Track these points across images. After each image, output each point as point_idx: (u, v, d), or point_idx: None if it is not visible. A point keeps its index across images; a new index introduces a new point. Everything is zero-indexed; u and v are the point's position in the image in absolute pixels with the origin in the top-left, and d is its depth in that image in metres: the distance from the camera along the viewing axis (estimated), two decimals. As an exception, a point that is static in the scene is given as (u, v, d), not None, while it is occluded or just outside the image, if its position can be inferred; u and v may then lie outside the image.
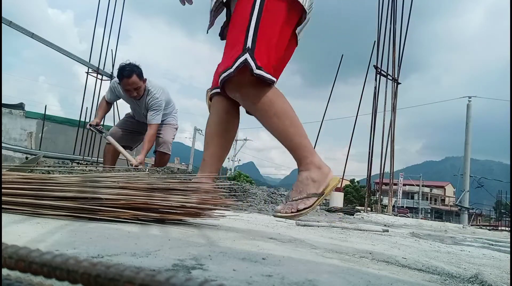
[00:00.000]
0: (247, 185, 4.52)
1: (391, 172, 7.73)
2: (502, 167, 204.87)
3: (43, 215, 0.98)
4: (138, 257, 0.64)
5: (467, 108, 18.86)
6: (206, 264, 0.64)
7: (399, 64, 7.70)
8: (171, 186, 1.15)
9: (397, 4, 7.58)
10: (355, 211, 4.49)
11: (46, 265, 0.33)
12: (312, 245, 1.07)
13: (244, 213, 2.09)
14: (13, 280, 0.40)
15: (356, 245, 1.21)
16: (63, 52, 5.31)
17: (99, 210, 1.01)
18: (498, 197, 21.61)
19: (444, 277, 0.84)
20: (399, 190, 42.41)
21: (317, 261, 0.83)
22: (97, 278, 0.31)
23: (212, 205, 1.17)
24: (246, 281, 0.56)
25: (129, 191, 1.07)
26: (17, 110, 11.04)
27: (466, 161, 18.70)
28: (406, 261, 0.96)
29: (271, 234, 1.21)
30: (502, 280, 0.89)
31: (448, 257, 1.24)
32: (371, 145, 7.31)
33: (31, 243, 0.68)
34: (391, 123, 7.42)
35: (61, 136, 10.68)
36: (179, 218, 1.17)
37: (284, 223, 1.73)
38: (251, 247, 0.89)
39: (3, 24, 4.04)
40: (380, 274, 0.77)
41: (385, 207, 10.80)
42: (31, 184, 1.04)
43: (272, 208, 2.97)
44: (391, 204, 7.93)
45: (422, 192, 52.48)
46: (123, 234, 0.87)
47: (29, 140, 10.64)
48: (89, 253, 0.64)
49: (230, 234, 1.08)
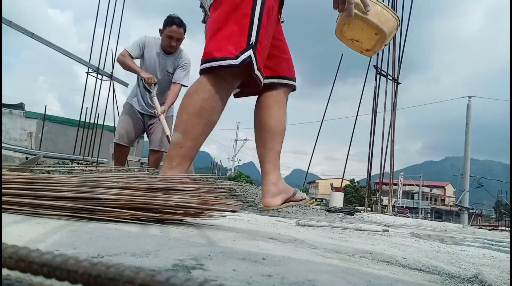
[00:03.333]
0: (247, 185, 4.52)
1: (391, 172, 7.74)
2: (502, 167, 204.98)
3: (43, 215, 0.98)
4: (138, 257, 0.64)
5: (467, 108, 18.86)
6: (206, 264, 0.64)
7: (399, 64, 7.70)
8: (171, 186, 1.15)
9: (397, 4, 7.58)
10: (355, 211, 4.49)
11: (46, 265, 0.33)
12: (312, 245, 1.07)
13: (244, 213, 2.09)
14: (13, 280, 0.40)
15: (356, 245, 1.21)
16: (63, 52, 5.31)
17: (99, 210, 1.01)
18: (498, 197, 21.59)
19: (444, 277, 0.84)
20: (399, 190, 42.42)
21: (317, 261, 0.83)
22: (97, 278, 0.31)
23: (212, 205, 1.17)
24: (246, 281, 0.56)
25: (129, 191, 1.07)
26: (17, 110, 11.04)
27: (466, 161, 18.71)
28: (406, 261, 0.96)
29: (271, 234, 1.21)
30: (502, 280, 0.89)
31: (448, 257, 1.24)
32: (371, 145, 7.32)
33: (31, 243, 0.68)
34: (391, 123, 7.42)
35: (61, 136, 10.68)
36: (179, 218, 1.17)
37: (284, 223, 1.73)
38: (251, 247, 0.89)
39: (3, 24, 4.04)
40: (380, 274, 0.77)
41: (385, 207, 10.80)
42: (31, 184, 1.04)
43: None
44: (391, 204, 7.93)
45: (422, 192, 52.48)
46: (123, 234, 0.87)
47: (29, 140, 10.64)
48: (89, 253, 0.64)
49: (230, 234, 1.08)
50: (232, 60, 1.58)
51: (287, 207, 2.08)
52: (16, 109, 11.10)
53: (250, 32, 1.61)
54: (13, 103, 11.47)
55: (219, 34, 1.65)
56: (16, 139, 10.47)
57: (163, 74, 3.70)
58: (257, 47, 1.61)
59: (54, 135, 10.79)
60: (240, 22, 1.63)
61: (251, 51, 1.59)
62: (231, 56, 1.59)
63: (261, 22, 1.63)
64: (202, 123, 1.66)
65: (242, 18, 1.63)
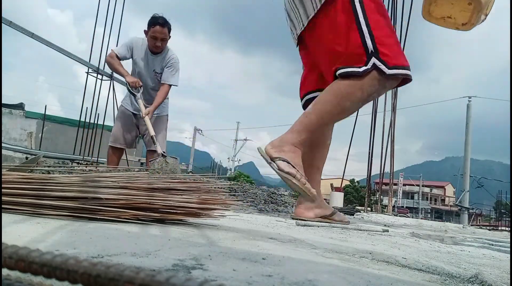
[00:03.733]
0: (247, 185, 4.51)
1: (391, 172, 7.73)
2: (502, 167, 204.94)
3: (43, 215, 0.98)
4: (138, 257, 0.64)
5: (467, 108, 18.86)
6: (206, 264, 0.64)
7: (399, 64, 7.69)
8: (171, 186, 1.15)
9: (397, 4, 7.57)
10: (355, 211, 4.49)
11: (46, 265, 0.33)
12: (312, 245, 1.07)
13: (244, 213, 2.09)
14: (13, 280, 0.40)
15: (356, 245, 1.21)
16: (63, 52, 5.31)
17: (99, 210, 1.01)
18: (498, 197, 21.59)
19: (444, 277, 0.84)
20: (399, 190, 42.41)
21: (317, 261, 0.83)
22: (97, 278, 0.31)
23: (212, 205, 1.17)
24: (246, 281, 0.56)
25: (129, 191, 1.07)
26: (17, 110, 11.04)
27: (466, 161, 18.71)
28: (406, 261, 0.96)
29: (271, 234, 1.21)
30: (502, 280, 0.89)
31: (448, 257, 1.24)
32: (371, 145, 7.32)
33: (31, 243, 0.68)
34: (391, 123, 7.41)
35: (61, 136, 10.68)
36: (179, 218, 1.17)
37: (284, 223, 1.73)
38: (251, 247, 0.89)
39: (3, 24, 4.04)
40: (380, 274, 0.77)
41: (385, 207, 10.80)
42: (31, 184, 1.04)
43: (272, 208, 2.97)
44: (391, 204, 7.93)
45: (422, 192, 52.47)
46: (123, 234, 0.87)
47: (29, 140, 10.64)
48: (89, 253, 0.64)
49: (230, 234, 1.08)
50: (355, 68, 1.63)
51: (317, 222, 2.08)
52: (16, 109, 11.10)
53: (363, 39, 1.64)
54: (13, 103, 11.48)
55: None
56: (16, 139, 10.48)
57: (151, 74, 3.73)
58: (379, 51, 1.62)
59: (54, 135, 10.79)
60: (346, 29, 1.67)
61: (373, 58, 1.62)
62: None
63: (368, 23, 1.64)
64: (342, 117, 1.75)
65: (347, 26, 1.67)
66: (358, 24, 1.64)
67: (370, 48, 1.61)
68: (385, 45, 1.63)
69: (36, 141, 10.19)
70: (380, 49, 1.62)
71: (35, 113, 11.20)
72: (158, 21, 3.54)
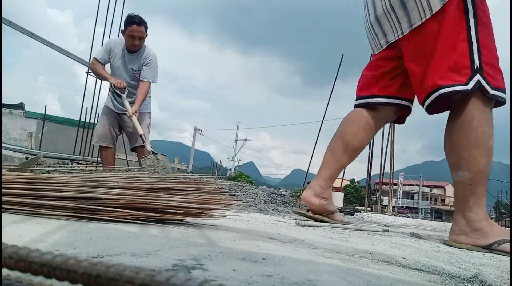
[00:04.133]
0: (247, 185, 4.52)
1: (391, 172, 7.74)
2: (502, 167, 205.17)
3: (43, 215, 0.98)
4: (138, 257, 0.64)
5: (467, 108, 18.82)
6: (206, 264, 0.64)
7: (399, 64, 7.69)
8: (171, 186, 1.15)
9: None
10: (355, 211, 4.49)
11: (46, 265, 0.33)
12: (312, 245, 1.07)
13: (244, 213, 2.09)
14: (13, 280, 0.40)
15: (356, 245, 1.21)
16: (63, 52, 5.31)
17: (99, 210, 1.01)
18: (498, 197, 21.61)
19: (444, 277, 0.84)
20: (399, 190, 42.42)
21: (317, 261, 0.83)
22: (97, 278, 0.31)
23: (212, 205, 1.17)
24: (246, 281, 0.56)
25: (129, 191, 1.07)
26: (17, 110, 11.04)
27: (466, 161, 18.65)
28: (406, 261, 0.96)
29: (271, 234, 1.21)
30: (502, 280, 0.89)
31: (448, 257, 1.24)
32: (371, 145, 7.32)
33: (31, 243, 0.68)
34: (391, 123, 7.41)
35: (61, 136, 10.67)
36: (179, 218, 1.17)
37: (284, 223, 1.73)
38: (251, 247, 0.89)
39: (3, 24, 4.04)
40: (380, 274, 0.77)
41: (385, 207, 10.80)
42: (31, 184, 1.04)
43: (272, 208, 2.96)
44: (391, 204, 7.93)
45: (422, 192, 52.49)
46: (123, 234, 0.87)
47: (29, 140, 10.64)
48: (89, 253, 0.64)
49: (230, 234, 1.08)
50: (461, 87, 1.61)
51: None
52: (16, 109, 11.10)
53: (472, 55, 1.61)
54: (13, 103, 11.47)
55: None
56: (16, 139, 10.47)
57: (130, 73, 3.79)
58: (483, 69, 1.59)
59: (54, 135, 10.78)
60: (455, 42, 1.64)
61: (478, 75, 1.59)
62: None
63: (478, 39, 1.62)
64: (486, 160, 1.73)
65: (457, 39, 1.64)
66: (469, 36, 1.60)
67: (476, 64, 1.58)
68: (489, 66, 1.61)
69: (36, 141, 10.19)
70: (485, 68, 1.59)
71: (35, 113, 11.20)
72: (135, 20, 3.61)
